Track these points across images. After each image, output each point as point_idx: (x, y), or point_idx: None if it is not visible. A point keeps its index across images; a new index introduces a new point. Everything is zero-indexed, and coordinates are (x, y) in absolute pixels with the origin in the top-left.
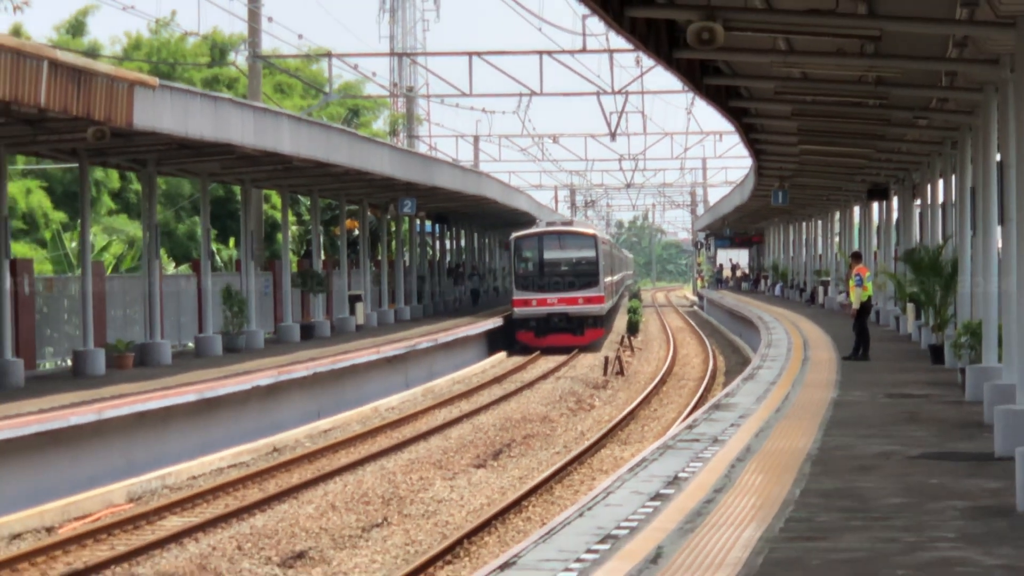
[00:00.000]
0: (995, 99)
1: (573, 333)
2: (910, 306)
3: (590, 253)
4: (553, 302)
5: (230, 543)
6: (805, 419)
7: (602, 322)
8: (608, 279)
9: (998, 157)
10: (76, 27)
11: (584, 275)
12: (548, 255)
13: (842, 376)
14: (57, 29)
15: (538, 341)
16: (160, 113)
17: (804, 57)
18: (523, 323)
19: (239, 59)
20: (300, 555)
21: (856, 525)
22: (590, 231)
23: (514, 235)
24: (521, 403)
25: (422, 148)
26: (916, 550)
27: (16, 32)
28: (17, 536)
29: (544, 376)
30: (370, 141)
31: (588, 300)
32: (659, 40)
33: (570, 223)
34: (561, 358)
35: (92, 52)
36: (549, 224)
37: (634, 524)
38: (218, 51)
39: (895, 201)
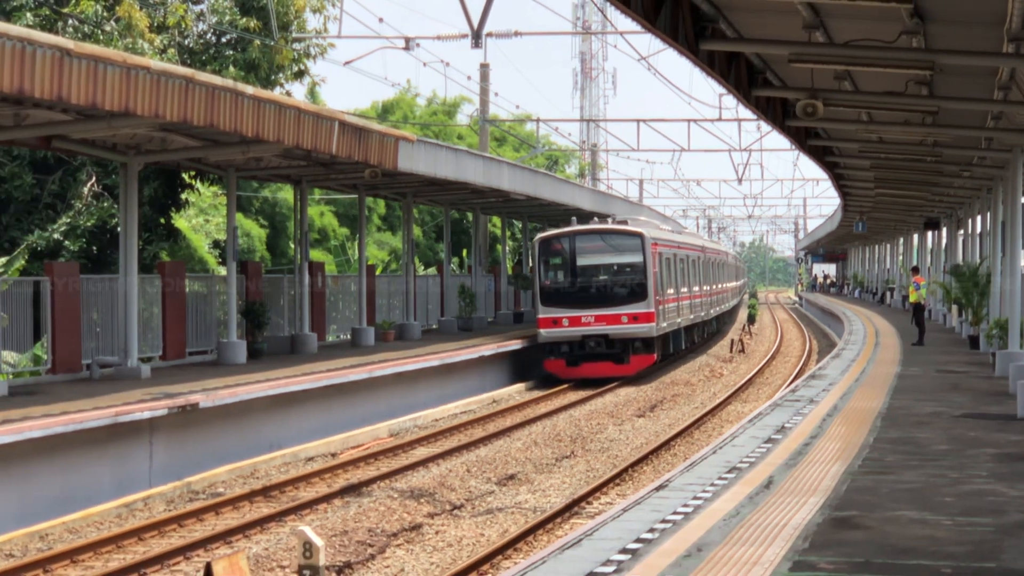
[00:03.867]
0: (1020, 158)
1: (615, 360)
2: (954, 307)
3: (636, 258)
4: (589, 320)
5: (461, 467)
6: (876, 387)
7: (652, 346)
8: (671, 292)
9: (1022, 200)
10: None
11: (629, 286)
12: (582, 260)
13: (904, 356)
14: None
15: (570, 371)
16: (416, 160)
17: (880, 126)
18: (551, 348)
19: (463, 117)
20: (511, 476)
21: (914, 464)
22: (635, 229)
23: (539, 236)
24: (672, 371)
25: (602, 187)
26: (958, 484)
27: (315, 100)
28: (311, 459)
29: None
30: (564, 182)
31: (634, 318)
32: (775, 112)
33: (607, 219)
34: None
35: (360, 114)
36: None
37: (752, 460)
38: (453, 113)
39: (944, 231)
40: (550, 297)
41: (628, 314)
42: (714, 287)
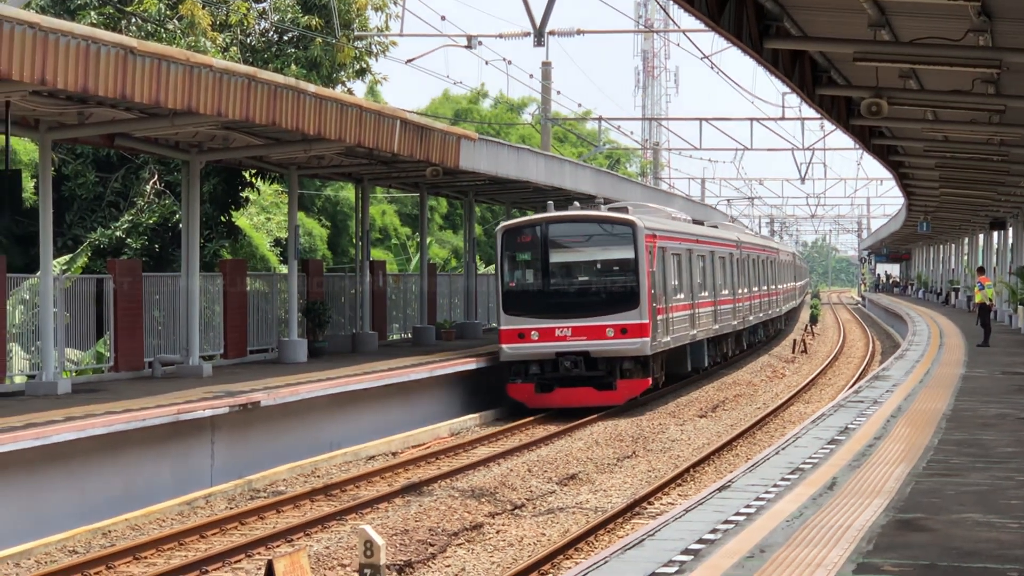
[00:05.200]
0: None
1: (597, 386)
2: (1020, 307)
3: (625, 253)
4: (564, 334)
5: (522, 467)
6: (941, 388)
7: (647, 367)
8: (680, 296)
9: None
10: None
11: (616, 289)
12: (556, 256)
13: (968, 357)
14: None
15: (540, 399)
16: (478, 158)
17: (946, 124)
18: (517, 369)
19: (528, 118)
20: (572, 476)
21: (979, 466)
22: (625, 217)
23: (502, 224)
24: (734, 372)
25: (663, 187)
26: None
27: (375, 98)
28: (372, 458)
29: None
30: (626, 180)
31: (623, 331)
32: (839, 111)
33: (595, 203)
34: None
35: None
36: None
37: (816, 461)
38: (515, 112)
39: (1011, 230)
40: (516, 303)
41: (615, 325)
42: (758, 289)
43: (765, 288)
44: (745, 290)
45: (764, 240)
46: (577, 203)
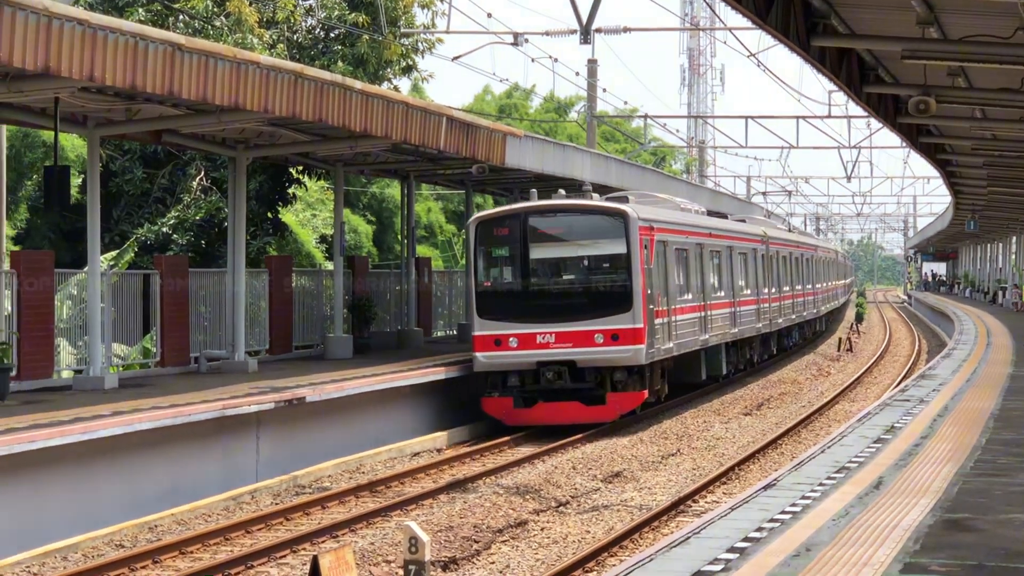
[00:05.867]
0: None
1: (585, 400)
2: None
3: (616, 247)
4: (547, 340)
5: (567, 464)
6: (989, 387)
7: (643, 378)
8: (687, 297)
9: None
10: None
11: (606, 289)
12: (538, 252)
13: (1016, 356)
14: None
15: (519, 415)
16: (524, 155)
17: (995, 123)
18: (495, 380)
19: (573, 115)
20: (617, 474)
21: None
22: (617, 207)
23: (476, 216)
24: (779, 370)
25: (709, 184)
26: None
27: (420, 95)
28: (416, 454)
29: None
30: (671, 178)
31: (613, 337)
32: (886, 109)
33: (583, 191)
34: None
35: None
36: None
37: (861, 460)
38: (563, 110)
39: None
40: (491, 305)
41: (604, 331)
42: (790, 289)
43: (800, 288)
44: (774, 290)
45: (800, 236)
46: (562, 191)
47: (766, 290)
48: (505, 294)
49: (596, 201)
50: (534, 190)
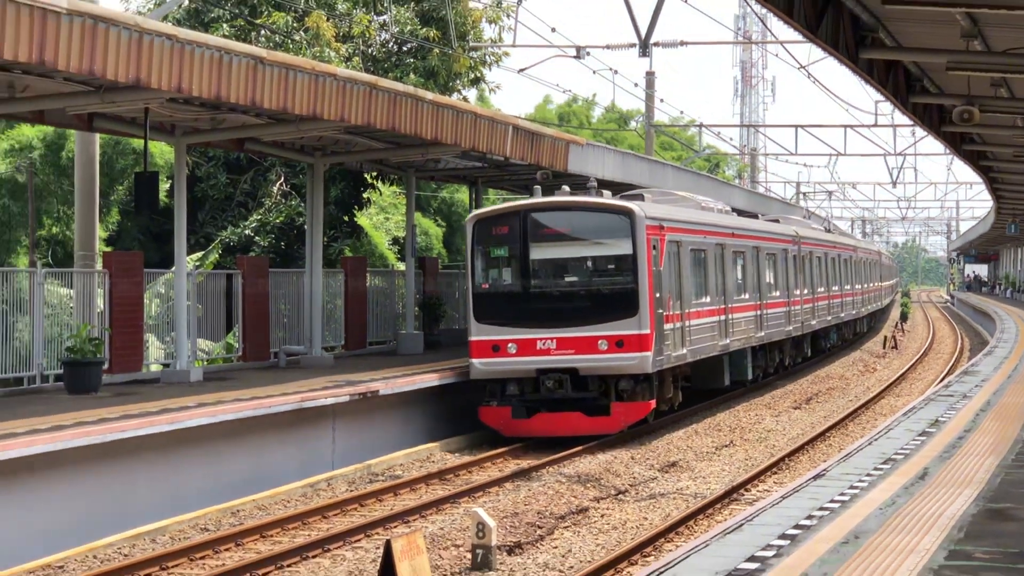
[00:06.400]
0: None
1: (587, 410)
2: None
3: (622, 248)
4: (548, 347)
5: (625, 454)
6: None
7: (649, 387)
8: (705, 300)
9: None
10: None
11: (610, 292)
12: (538, 252)
13: None
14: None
15: (518, 425)
16: (586, 161)
17: None
18: (493, 389)
19: (634, 125)
20: (673, 464)
21: None
22: (622, 204)
23: (473, 214)
24: (827, 366)
25: (760, 190)
26: None
27: (485, 104)
28: (480, 445)
29: None
30: (723, 183)
31: (618, 343)
32: (931, 118)
33: (586, 186)
34: None
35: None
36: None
37: (907, 452)
38: (623, 120)
39: None
40: (489, 309)
41: (608, 337)
42: (825, 290)
43: (837, 289)
44: (806, 291)
45: (839, 236)
46: (567, 188)
47: (797, 291)
48: (504, 297)
49: (600, 199)
50: (538, 187)
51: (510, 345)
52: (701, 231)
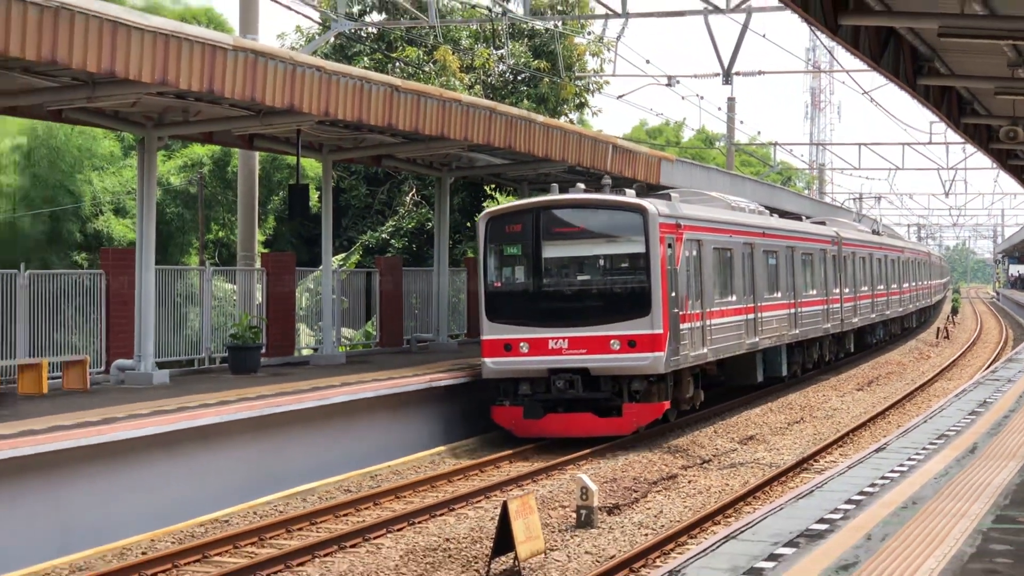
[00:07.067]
0: None
1: (599, 411)
2: None
3: (634, 246)
4: (559, 346)
5: (709, 429)
6: None
7: (664, 388)
8: (731, 299)
9: None
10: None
11: (622, 292)
12: (551, 250)
13: None
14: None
15: (530, 426)
16: (675, 176)
17: None
18: (506, 388)
19: (718, 145)
20: (751, 437)
21: None
22: (635, 201)
23: (486, 212)
24: (886, 353)
25: (827, 199)
26: None
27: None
28: None
29: None
30: (796, 194)
31: (630, 343)
32: (980, 136)
33: (601, 184)
34: None
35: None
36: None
37: (959, 428)
38: (709, 141)
39: None
40: (501, 308)
41: (621, 336)
42: (868, 289)
43: (882, 287)
44: (847, 290)
45: (886, 238)
46: (581, 184)
47: (836, 290)
48: (516, 296)
49: (612, 196)
50: (555, 184)
51: (522, 344)
52: (726, 230)
